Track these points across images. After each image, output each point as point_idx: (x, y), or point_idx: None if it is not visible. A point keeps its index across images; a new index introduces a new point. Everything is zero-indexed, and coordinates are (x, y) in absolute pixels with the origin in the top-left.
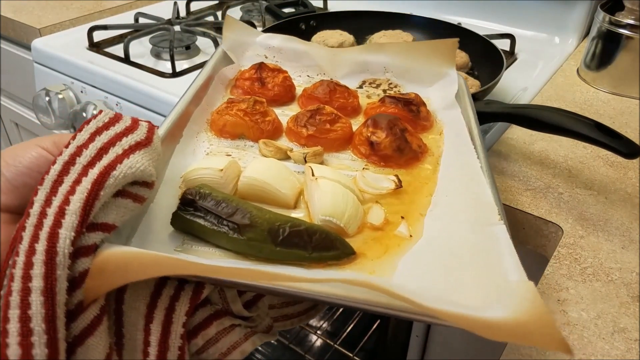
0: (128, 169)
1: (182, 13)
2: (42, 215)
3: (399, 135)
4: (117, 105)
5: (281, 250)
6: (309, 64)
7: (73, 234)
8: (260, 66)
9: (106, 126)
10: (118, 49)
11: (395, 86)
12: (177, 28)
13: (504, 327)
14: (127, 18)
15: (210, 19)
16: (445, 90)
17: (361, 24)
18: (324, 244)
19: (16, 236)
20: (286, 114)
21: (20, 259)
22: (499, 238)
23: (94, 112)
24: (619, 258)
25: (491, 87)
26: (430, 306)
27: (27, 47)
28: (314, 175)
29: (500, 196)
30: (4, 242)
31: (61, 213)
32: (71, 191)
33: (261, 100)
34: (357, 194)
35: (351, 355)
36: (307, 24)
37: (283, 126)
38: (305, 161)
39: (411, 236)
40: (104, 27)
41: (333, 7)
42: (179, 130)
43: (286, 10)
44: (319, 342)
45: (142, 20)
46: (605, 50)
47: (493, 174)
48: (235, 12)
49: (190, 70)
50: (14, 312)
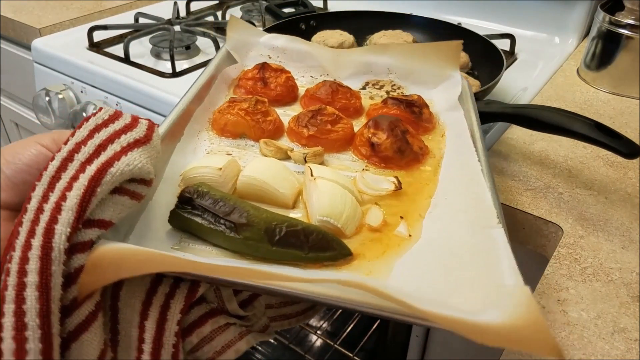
0: (125, 166)
1: (182, 13)
2: (39, 210)
3: (400, 136)
4: (117, 105)
5: (277, 250)
6: (313, 64)
7: (69, 229)
8: (263, 66)
9: (105, 123)
10: (118, 49)
11: (399, 87)
12: (177, 28)
13: (498, 332)
14: (127, 18)
15: (210, 19)
16: (448, 92)
17: (361, 24)
18: (320, 245)
19: (13, 231)
20: (288, 114)
21: (17, 253)
22: (497, 241)
23: (94, 112)
24: (619, 258)
25: (491, 87)
26: (424, 309)
27: (27, 47)
28: (312, 176)
29: (499, 198)
30: (3, 239)
31: (57, 209)
32: (68, 187)
33: (263, 100)
34: (356, 195)
35: (351, 355)
36: (307, 24)
37: (284, 126)
38: (305, 161)
39: (410, 236)
40: (104, 27)
41: (333, 7)
42: (180, 128)
43: (286, 10)
44: (319, 342)
45: (142, 20)
46: (605, 50)
47: (493, 175)
48: (235, 12)
49: (190, 70)
50: (9, 307)
